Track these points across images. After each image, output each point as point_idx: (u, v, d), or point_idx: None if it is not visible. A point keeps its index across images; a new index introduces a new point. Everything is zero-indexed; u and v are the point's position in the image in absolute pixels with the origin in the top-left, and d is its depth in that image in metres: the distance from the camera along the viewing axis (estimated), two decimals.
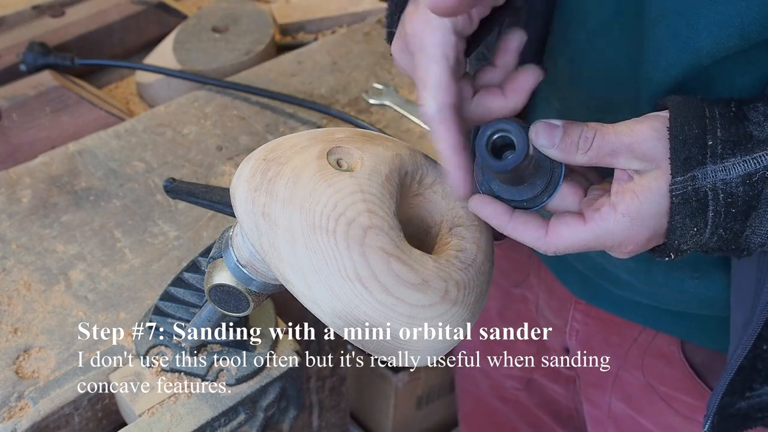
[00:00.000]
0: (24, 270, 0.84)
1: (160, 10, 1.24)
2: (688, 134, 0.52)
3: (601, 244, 0.54)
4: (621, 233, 0.53)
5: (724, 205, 0.52)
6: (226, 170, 0.97)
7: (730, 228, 0.52)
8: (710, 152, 0.51)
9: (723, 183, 0.51)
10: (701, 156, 0.51)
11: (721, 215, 0.52)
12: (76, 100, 1.05)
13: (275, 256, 0.54)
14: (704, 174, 0.51)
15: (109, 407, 0.77)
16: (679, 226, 0.53)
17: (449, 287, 0.55)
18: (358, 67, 1.14)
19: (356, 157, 0.57)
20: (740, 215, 0.52)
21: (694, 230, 0.53)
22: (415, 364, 0.57)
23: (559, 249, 0.55)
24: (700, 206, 0.52)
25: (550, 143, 0.53)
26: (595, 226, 0.54)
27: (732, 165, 0.51)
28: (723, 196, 0.51)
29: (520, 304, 0.94)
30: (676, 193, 0.52)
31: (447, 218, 0.62)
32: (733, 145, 0.51)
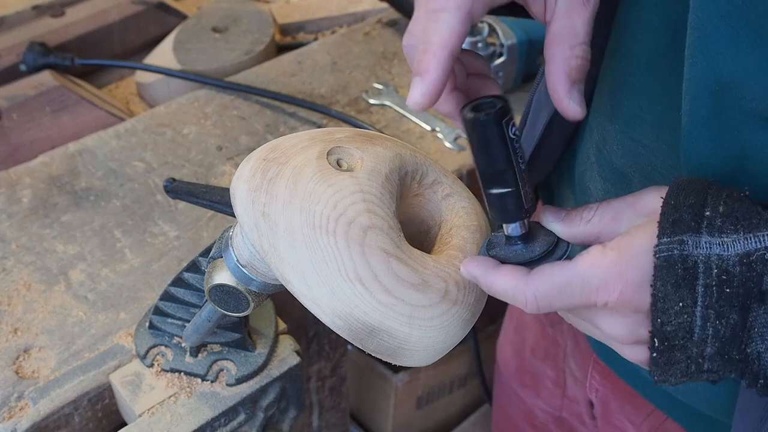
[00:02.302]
0: (24, 270, 0.84)
1: (160, 10, 1.24)
2: (683, 202, 0.48)
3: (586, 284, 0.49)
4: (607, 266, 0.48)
5: (717, 281, 0.45)
6: (226, 170, 0.97)
7: (726, 317, 0.46)
8: (707, 223, 0.47)
9: (719, 258, 0.45)
10: (695, 224, 0.47)
11: (713, 293, 0.46)
12: (76, 100, 1.05)
13: (275, 256, 0.54)
14: (697, 243, 0.46)
15: (109, 407, 0.77)
16: (661, 296, 0.46)
17: (449, 287, 0.55)
18: (358, 67, 1.14)
19: (356, 157, 0.57)
20: (737, 300, 0.45)
21: (680, 306, 0.46)
22: (415, 364, 0.57)
23: (539, 292, 0.50)
24: (688, 276, 0.46)
25: (555, 218, 0.53)
26: (580, 261, 0.49)
27: (732, 242, 0.46)
28: (717, 272, 0.45)
29: (551, 346, 0.93)
30: (660, 255, 0.46)
31: (447, 218, 0.62)
32: (736, 220, 0.46)
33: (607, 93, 0.63)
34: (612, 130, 0.63)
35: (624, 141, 0.62)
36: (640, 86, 0.59)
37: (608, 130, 0.64)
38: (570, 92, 0.53)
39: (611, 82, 0.62)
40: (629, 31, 0.59)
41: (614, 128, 0.62)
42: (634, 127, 0.60)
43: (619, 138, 0.63)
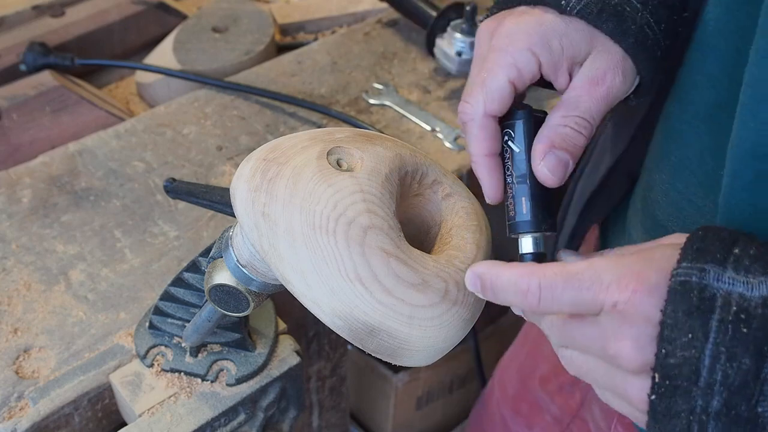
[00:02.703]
0: (24, 270, 0.84)
1: (160, 10, 1.24)
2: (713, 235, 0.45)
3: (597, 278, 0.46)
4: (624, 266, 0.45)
5: (734, 318, 0.42)
6: (226, 170, 0.97)
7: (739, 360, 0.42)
8: (734, 259, 0.44)
9: (740, 297, 0.42)
10: (721, 256, 0.44)
11: (727, 331, 0.42)
12: (76, 100, 1.05)
13: (275, 256, 0.54)
14: (719, 276, 0.43)
15: (109, 407, 0.77)
16: (669, 323, 0.43)
17: (449, 287, 0.55)
18: (358, 67, 1.14)
19: (356, 157, 0.57)
20: (753, 344, 0.41)
21: (689, 337, 0.43)
22: (415, 364, 0.57)
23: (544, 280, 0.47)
24: (703, 307, 0.43)
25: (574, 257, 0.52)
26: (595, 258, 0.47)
27: (758, 283, 0.42)
28: (736, 309, 0.42)
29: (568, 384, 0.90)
30: (676, 278, 0.44)
31: (447, 218, 0.62)
32: (766, 264, 0.43)
33: (659, 139, 0.62)
34: (658, 180, 0.61)
35: (669, 192, 0.60)
36: (693, 137, 0.57)
37: (655, 179, 0.62)
38: (545, 155, 0.55)
39: (665, 129, 0.60)
40: (691, 80, 0.57)
41: (661, 177, 0.61)
42: (681, 179, 0.58)
43: (664, 188, 0.61)
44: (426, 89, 1.11)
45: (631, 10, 0.57)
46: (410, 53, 1.18)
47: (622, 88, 0.57)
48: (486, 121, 0.57)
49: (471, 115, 0.58)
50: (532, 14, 0.58)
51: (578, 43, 0.57)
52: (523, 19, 0.58)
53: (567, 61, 0.57)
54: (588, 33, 0.57)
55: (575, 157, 0.56)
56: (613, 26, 0.56)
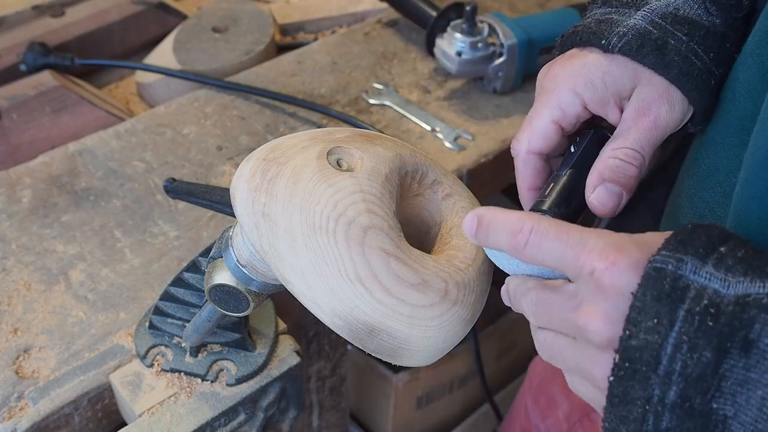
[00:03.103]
0: (24, 270, 0.84)
1: (160, 10, 1.24)
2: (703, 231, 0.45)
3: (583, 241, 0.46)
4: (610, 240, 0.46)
5: (702, 311, 0.42)
6: (226, 170, 0.97)
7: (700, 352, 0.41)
8: (717, 257, 0.44)
9: (714, 293, 0.42)
10: (703, 251, 0.44)
11: (693, 322, 0.42)
12: (76, 100, 1.05)
13: (275, 256, 0.54)
14: (696, 269, 0.43)
15: (109, 407, 0.77)
16: (637, 306, 0.43)
17: (449, 287, 0.55)
18: (358, 67, 1.14)
19: (356, 157, 0.57)
20: (716, 338, 0.41)
21: (654, 322, 0.43)
22: (415, 364, 0.57)
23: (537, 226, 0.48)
24: (674, 295, 0.43)
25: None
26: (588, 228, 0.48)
27: (736, 282, 0.42)
28: (707, 303, 0.42)
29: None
30: (652, 264, 0.44)
31: (447, 218, 0.62)
32: (749, 267, 0.43)
33: (694, 146, 0.62)
34: (687, 186, 0.62)
35: (693, 199, 0.60)
36: (724, 147, 0.57)
37: (683, 185, 0.63)
38: (596, 187, 0.58)
39: (700, 137, 0.61)
40: (730, 89, 0.58)
41: (689, 183, 0.61)
42: (707, 187, 0.58)
43: (689, 194, 0.61)
44: (426, 89, 1.11)
45: (675, 42, 0.60)
46: (410, 53, 1.18)
47: (670, 117, 0.59)
48: (530, 158, 0.63)
49: (517, 150, 0.64)
50: (579, 56, 0.63)
51: (622, 78, 0.60)
52: (570, 62, 0.63)
53: (614, 96, 0.61)
54: (632, 68, 0.60)
55: (628, 188, 0.59)
56: (654, 59, 0.59)
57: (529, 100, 1.10)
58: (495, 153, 1.02)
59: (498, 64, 1.06)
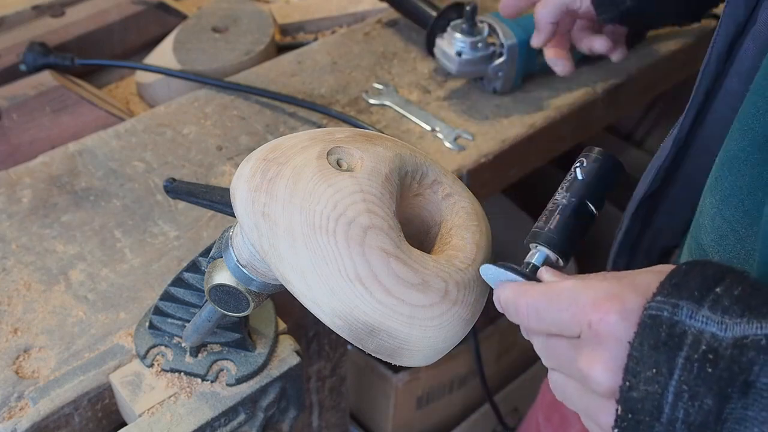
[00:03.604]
0: (24, 270, 0.84)
1: (160, 10, 1.24)
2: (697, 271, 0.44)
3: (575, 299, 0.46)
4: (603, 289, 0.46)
5: (701, 357, 0.41)
6: (226, 170, 0.97)
7: (701, 400, 0.41)
8: (713, 299, 0.43)
9: (712, 337, 0.42)
10: (698, 294, 0.43)
11: (692, 369, 0.41)
12: (76, 100, 1.05)
13: (275, 256, 0.54)
14: (692, 313, 0.42)
15: (109, 407, 0.77)
16: (635, 356, 0.43)
17: (449, 287, 0.55)
18: (358, 67, 1.14)
19: (356, 157, 0.57)
20: (716, 385, 0.41)
21: (653, 372, 0.42)
22: (415, 364, 0.57)
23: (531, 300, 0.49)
24: (671, 343, 0.42)
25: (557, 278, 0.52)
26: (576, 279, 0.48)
27: (733, 324, 0.42)
28: (705, 349, 0.41)
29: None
30: (648, 311, 0.43)
31: (447, 218, 0.62)
32: (747, 307, 0.42)
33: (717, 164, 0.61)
34: (709, 204, 0.61)
35: (716, 218, 0.60)
36: (748, 165, 0.56)
37: (706, 204, 0.62)
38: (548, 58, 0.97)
39: (724, 154, 0.60)
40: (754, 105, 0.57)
41: (711, 202, 0.60)
42: (729, 206, 0.58)
43: (712, 214, 0.60)
44: (426, 89, 1.11)
45: None
46: (410, 53, 1.18)
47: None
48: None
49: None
50: None
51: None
52: None
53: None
54: None
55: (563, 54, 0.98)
56: None
57: (529, 99, 1.10)
58: (495, 153, 1.02)
59: (498, 64, 1.06)
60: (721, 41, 0.66)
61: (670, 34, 1.23)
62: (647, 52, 1.19)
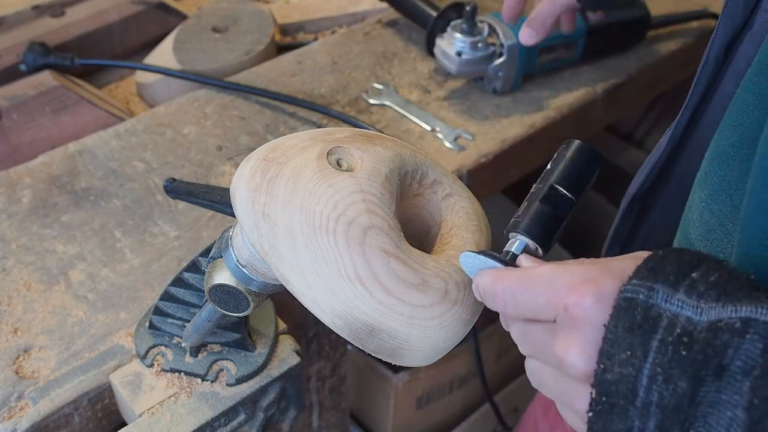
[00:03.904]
0: (24, 270, 0.84)
1: (160, 10, 1.24)
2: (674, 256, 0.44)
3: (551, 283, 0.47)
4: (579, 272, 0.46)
5: (676, 340, 0.41)
6: (226, 170, 0.97)
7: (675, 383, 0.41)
8: (689, 283, 0.43)
9: (687, 321, 0.42)
10: (674, 278, 0.43)
11: (667, 352, 0.41)
12: (76, 100, 1.05)
13: (275, 256, 0.54)
14: (668, 296, 0.43)
15: (109, 407, 0.77)
16: (610, 338, 0.43)
17: (449, 287, 0.55)
18: (358, 67, 1.14)
19: (356, 157, 0.57)
20: (690, 367, 0.41)
21: (627, 354, 0.42)
22: (415, 364, 0.57)
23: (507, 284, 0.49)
24: (646, 326, 0.42)
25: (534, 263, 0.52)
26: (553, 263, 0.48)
27: (708, 308, 0.42)
28: (680, 332, 0.42)
29: None
30: (623, 294, 0.44)
31: (447, 218, 0.62)
32: (723, 293, 0.42)
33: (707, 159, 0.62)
34: (698, 199, 0.61)
35: (704, 213, 0.60)
36: (737, 160, 0.57)
37: (695, 198, 0.62)
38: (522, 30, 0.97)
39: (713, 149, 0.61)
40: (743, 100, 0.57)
41: (700, 197, 0.61)
42: (717, 200, 0.58)
43: (700, 208, 0.61)
44: (426, 89, 1.11)
45: None
46: (410, 53, 1.18)
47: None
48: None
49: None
50: None
51: None
52: None
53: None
54: None
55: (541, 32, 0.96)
56: None
57: (529, 99, 1.10)
58: (495, 153, 1.02)
59: (498, 64, 1.06)
60: (719, 43, 0.66)
61: (670, 34, 1.23)
62: (647, 52, 1.19)
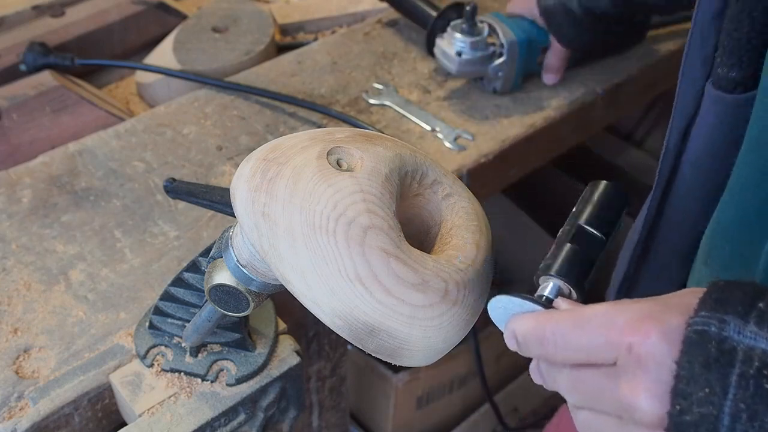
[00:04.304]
0: (24, 270, 0.84)
1: (160, 10, 1.24)
2: (734, 287, 0.42)
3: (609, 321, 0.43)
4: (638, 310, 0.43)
5: (756, 373, 0.39)
6: (226, 170, 0.97)
7: (761, 419, 0.38)
8: (758, 314, 0.40)
9: (763, 353, 0.39)
10: (743, 309, 0.41)
11: (748, 386, 0.39)
12: (76, 100, 1.05)
13: (275, 256, 0.54)
14: (740, 329, 0.40)
15: (109, 407, 0.77)
16: (685, 376, 0.40)
17: (449, 287, 0.55)
18: (358, 67, 1.14)
19: (356, 157, 0.57)
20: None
21: (706, 392, 0.39)
22: (415, 364, 0.57)
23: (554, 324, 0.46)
24: (722, 360, 0.40)
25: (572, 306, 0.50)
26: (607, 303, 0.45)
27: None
28: (759, 365, 0.39)
29: None
30: (693, 327, 0.41)
31: (447, 218, 0.62)
32: None
33: (707, 236, 0.60)
34: (706, 274, 0.60)
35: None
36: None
37: (702, 274, 0.61)
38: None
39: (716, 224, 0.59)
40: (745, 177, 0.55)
41: (707, 272, 0.59)
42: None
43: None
44: (426, 89, 1.11)
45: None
46: (410, 53, 1.18)
47: None
48: None
49: None
50: None
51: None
52: None
53: None
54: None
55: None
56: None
57: (529, 99, 1.10)
58: (495, 153, 1.02)
59: (498, 64, 1.06)
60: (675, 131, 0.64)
61: (670, 34, 1.23)
62: (647, 52, 1.19)
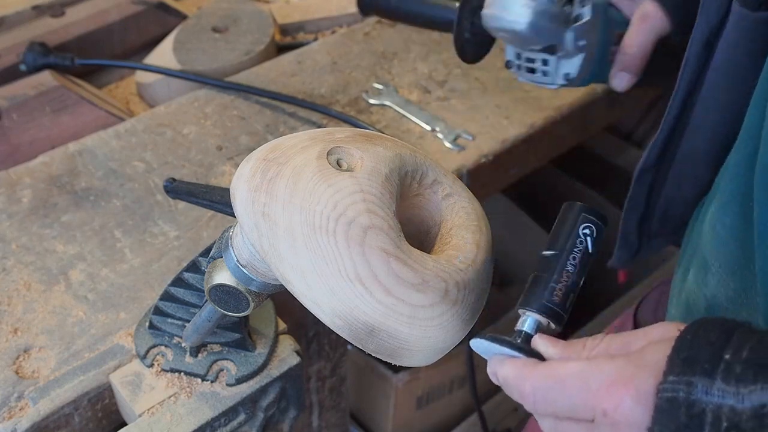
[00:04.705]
0: (24, 270, 0.84)
1: (160, 10, 1.24)
2: (702, 337, 0.43)
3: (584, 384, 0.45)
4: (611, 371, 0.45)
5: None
6: (226, 170, 0.97)
7: None
8: (724, 367, 0.42)
9: (731, 411, 0.41)
10: (710, 366, 0.42)
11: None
12: (76, 100, 1.05)
13: (275, 256, 0.54)
14: (708, 389, 0.41)
15: (109, 407, 0.77)
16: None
17: (449, 287, 0.55)
18: (358, 67, 1.14)
19: (356, 157, 0.57)
20: None
21: None
22: (415, 364, 0.57)
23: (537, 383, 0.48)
24: (692, 425, 0.41)
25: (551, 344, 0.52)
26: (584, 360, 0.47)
27: (749, 393, 0.41)
28: (727, 425, 0.40)
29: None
30: (663, 395, 0.42)
31: (447, 218, 0.62)
32: (759, 369, 0.41)
33: (723, 170, 0.61)
34: (713, 210, 0.60)
35: (716, 225, 0.59)
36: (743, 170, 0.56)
37: (711, 209, 0.61)
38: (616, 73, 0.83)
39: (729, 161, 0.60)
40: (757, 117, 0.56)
41: (713, 208, 0.60)
42: (727, 212, 0.57)
43: (712, 221, 0.60)
44: (426, 89, 1.11)
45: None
46: (410, 53, 1.18)
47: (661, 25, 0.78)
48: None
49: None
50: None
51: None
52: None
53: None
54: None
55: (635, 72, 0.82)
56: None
57: (529, 99, 1.10)
58: (495, 153, 1.02)
59: (581, 24, 0.80)
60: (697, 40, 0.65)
61: None
62: None
